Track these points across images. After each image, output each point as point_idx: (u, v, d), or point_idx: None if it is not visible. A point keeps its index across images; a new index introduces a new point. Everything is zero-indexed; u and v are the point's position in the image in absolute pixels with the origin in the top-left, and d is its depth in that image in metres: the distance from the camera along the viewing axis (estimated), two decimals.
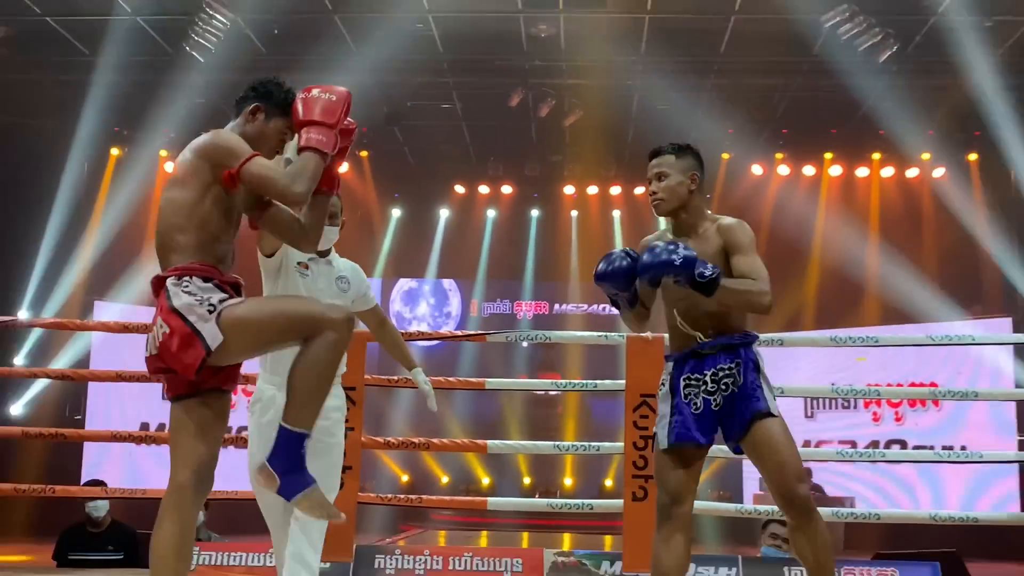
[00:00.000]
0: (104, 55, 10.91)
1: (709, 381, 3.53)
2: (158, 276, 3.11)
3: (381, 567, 5.85)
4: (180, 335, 2.96)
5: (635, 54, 11.14)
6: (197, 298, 3.01)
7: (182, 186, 3.12)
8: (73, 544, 6.58)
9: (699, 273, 3.32)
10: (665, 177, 3.69)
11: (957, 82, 11.14)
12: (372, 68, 11.17)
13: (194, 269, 3.08)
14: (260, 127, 3.33)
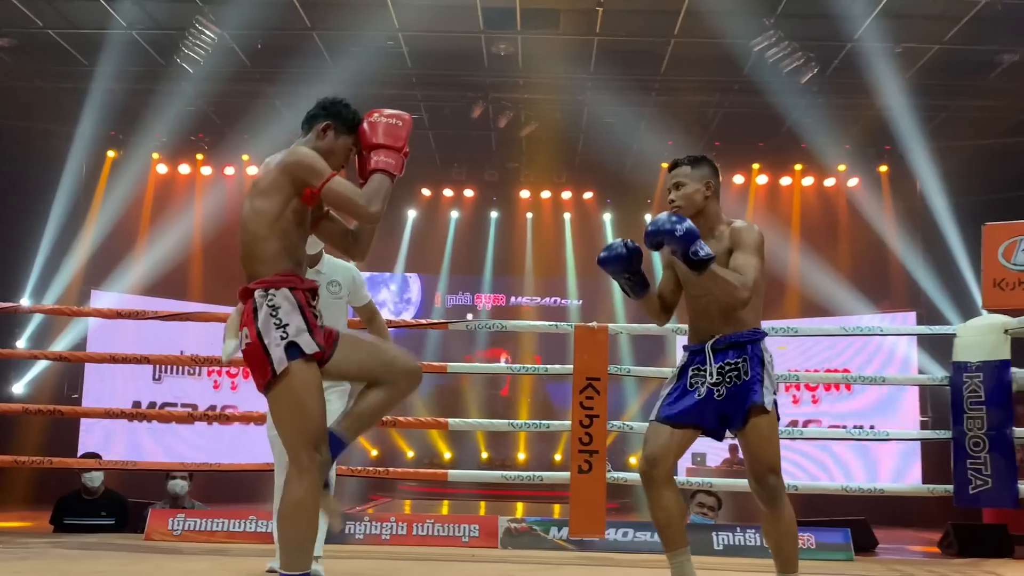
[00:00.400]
0: (101, 65, 10.78)
1: (715, 373, 3.50)
2: (246, 287, 3.09)
3: (351, 532, 5.82)
4: (255, 350, 3.00)
5: (585, 72, 11.16)
6: (275, 320, 3.01)
7: (265, 198, 3.09)
8: (69, 510, 6.50)
9: (693, 251, 3.29)
10: (682, 186, 3.65)
11: (870, 102, 11.26)
12: (347, 81, 11.07)
13: (278, 282, 3.06)
14: (330, 144, 3.27)
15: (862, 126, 12.14)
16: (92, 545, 5.42)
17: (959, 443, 5.83)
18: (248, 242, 3.11)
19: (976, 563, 5.61)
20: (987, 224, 6.27)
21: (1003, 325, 5.89)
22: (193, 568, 4.47)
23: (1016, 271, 6.02)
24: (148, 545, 5.54)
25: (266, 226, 3.07)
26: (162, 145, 13.18)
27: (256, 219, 3.09)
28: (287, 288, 3.04)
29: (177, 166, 13.75)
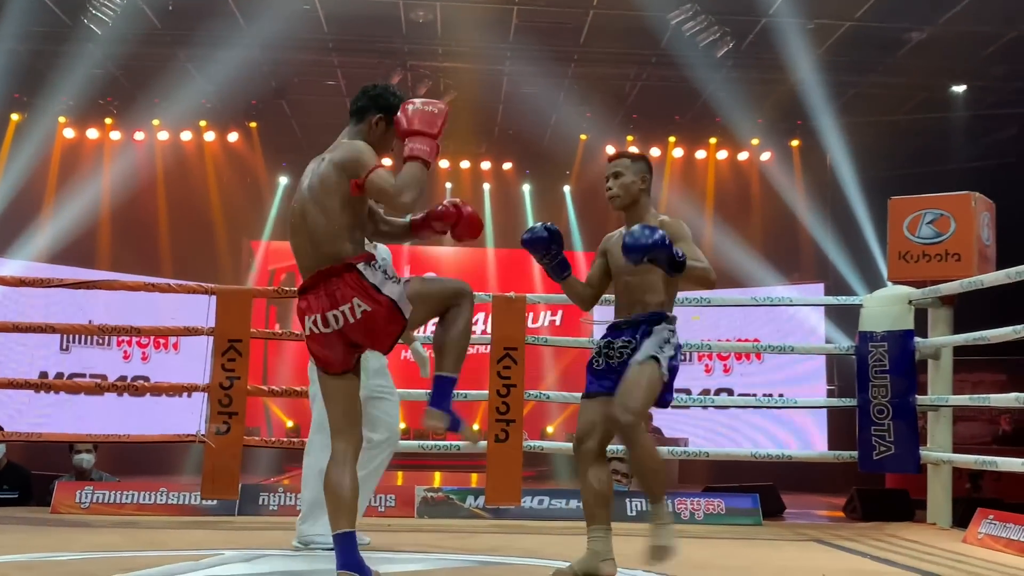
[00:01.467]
0: (4, 24, 10.32)
1: (616, 348, 3.70)
2: (344, 264, 3.18)
3: (265, 503, 5.76)
4: (387, 309, 3.16)
5: (504, 42, 11.09)
6: (389, 276, 3.21)
7: (330, 197, 3.22)
8: None
9: (678, 253, 3.48)
10: (620, 176, 3.89)
11: (783, 77, 11.41)
12: (261, 44, 10.86)
13: (368, 256, 3.23)
14: (381, 135, 3.43)
15: (775, 101, 12.31)
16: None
17: (864, 411, 6.00)
18: (325, 234, 3.22)
19: (879, 526, 5.79)
20: (893, 198, 6.43)
21: (907, 296, 6.06)
22: (102, 541, 4.36)
23: (920, 244, 6.19)
24: (55, 518, 5.40)
25: (342, 224, 3.22)
26: (69, 109, 12.74)
27: (328, 217, 3.22)
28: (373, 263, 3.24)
29: (85, 131, 13.31)
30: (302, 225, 3.25)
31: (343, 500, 3.14)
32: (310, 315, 3.18)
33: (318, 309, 3.17)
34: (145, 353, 12.84)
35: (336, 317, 3.15)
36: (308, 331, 3.20)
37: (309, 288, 3.20)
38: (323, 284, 3.18)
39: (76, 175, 13.05)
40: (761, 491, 6.24)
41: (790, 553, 4.58)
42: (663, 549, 3.52)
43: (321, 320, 3.16)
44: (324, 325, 3.16)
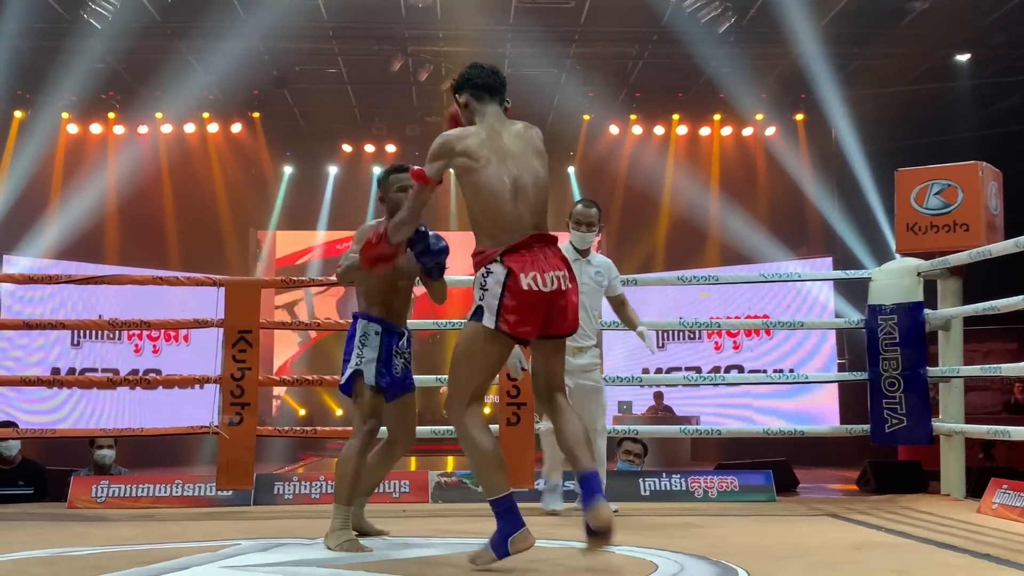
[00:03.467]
0: (5, 21, 10.33)
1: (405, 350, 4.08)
2: (554, 236, 3.34)
3: (280, 493, 5.77)
4: (577, 295, 3.32)
5: (504, 24, 11.05)
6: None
7: (545, 169, 3.52)
8: None
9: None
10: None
11: (786, 51, 11.36)
12: (262, 34, 10.85)
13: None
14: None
15: (778, 75, 12.25)
16: (12, 515, 5.28)
17: (875, 384, 5.98)
18: (546, 200, 3.40)
19: (892, 499, 5.78)
20: (899, 170, 6.39)
21: (916, 268, 6.03)
22: (118, 535, 4.38)
23: (928, 215, 6.15)
24: (71, 513, 5.42)
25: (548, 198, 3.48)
26: (72, 104, 12.75)
27: (546, 189, 3.45)
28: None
29: (88, 125, 13.32)
30: (516, 190, 3.30)
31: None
32: (527, 272, 3.16)
33: (537, 268, 3.18)
34: (156, 346, 12.89)
35: (553, 280, 3.20)
36: (527, 286, 3.14)
37: (523, 247, 3.21)
38: (538, 247, 3.23)
39: (81, 170, 13.06)
40: (774, 467, 6.23)
41: (805, 528, 4.57)
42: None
43: (540, 279, 3.17)
44: (543, 284, 3.18)
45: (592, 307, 5.06)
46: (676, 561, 3.41)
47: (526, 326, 3.19)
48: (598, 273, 5.09)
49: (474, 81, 3.51)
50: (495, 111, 3.50)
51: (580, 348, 4.96)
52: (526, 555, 3.32)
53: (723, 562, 3.35)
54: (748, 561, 3.38)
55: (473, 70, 3.55)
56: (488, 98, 3.52)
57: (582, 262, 5.00)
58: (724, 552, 3.57)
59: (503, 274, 3.16)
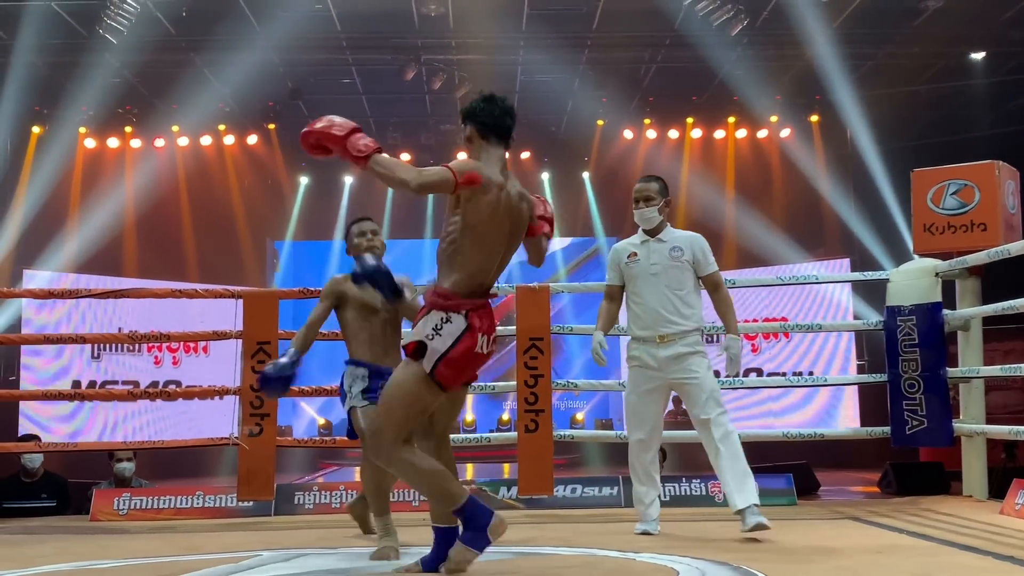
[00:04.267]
0: (21, 38, 10.42)
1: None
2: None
3: (300, 503, 5.80)
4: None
5: (517, 31, 11.06)
6: None
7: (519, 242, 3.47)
8: (8, 494, 6.33)
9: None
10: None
11: (800, 52, 11.33)
12: (276, 46, 10.90)
13: None
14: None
15: (792, 77, 12.22)
16: (36, 528, 5.32)
17: (895, 385, 5.95)
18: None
19: (914, 501, 5.75)
20: (916, 170, 6.37)
21: (934, 268, 6.01)
22: (140, 547, 4.41)
23: (945, 215, 6.13)
24: (94, 526, 5.46)
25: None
26: (89, 119, 12.84)
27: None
28: None
29: (106, 140, 13.40)
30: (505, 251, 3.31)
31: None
32: (484, 333, 3.21)
33: (488, 330, 3.23)
34: (176, 358, 12.95)
35: (493, 340, 3.28)
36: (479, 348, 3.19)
37: (481, 307, 3.22)
38: (488, 306, 3.26)
39: (99, 184, 13.15)
40: (794, 470, 6.21)
41: (826, 532, 4.56)
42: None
43: (487, 340, 3.23)
44: (488, 346, 3.25)
45: (674, 286, 4.56)
46: (697, 567, 3.40)
47: (455, 381, 3.23)
48: (675, 249, 4.63)
49: (483, 119, 3.33)
50: (500, 157, 3.34)
51: (662, 337, 4.52)
52: (548, 561, 3.32)
53: (744, 567, 3.35)
54: (769, 566, 3.37)
55: (487, 105, 3.36)
56: (495, 140, 3.34)
57: (651, 242, 4.65)
58: (745, 557, 3.56)
59: (461, 329, 3.13)
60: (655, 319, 4.53)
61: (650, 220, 4.66)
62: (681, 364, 4.51)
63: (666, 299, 4.53)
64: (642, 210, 4.67)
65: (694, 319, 4.57)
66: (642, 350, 4.56)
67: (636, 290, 4.61)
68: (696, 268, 4.63)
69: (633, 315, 4.63)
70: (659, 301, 4.54)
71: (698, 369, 4.52)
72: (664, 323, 4.51)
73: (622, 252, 4.72)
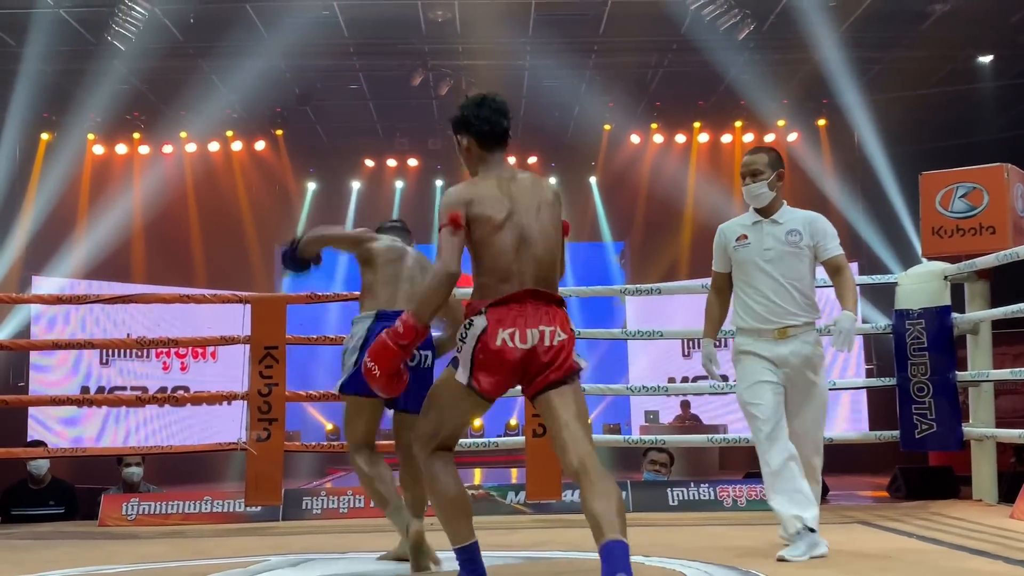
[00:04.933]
0: (30, 45, 10.47)
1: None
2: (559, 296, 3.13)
3: (308, 508, 5.79)
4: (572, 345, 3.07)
5: (524, 36, 11.08)
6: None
7: (557, 226, 3.25)
8: (16, 501, 6.34)
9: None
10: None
11: (807, 56, 11.31)
12: (283, 52, 10.93)
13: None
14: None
15: (799, 81, 12.21)
16: (44, 534, 5.33)
17: (904, 389, 5.93)
18: (554, 258, 3.20)
19: (924, 505, 5.73)
20: (924, 173, 6.35)
21: (943, 272, 5.98)
22: (148, 552, 4.41)
23: (953, 219, 6.11)
24: (102, 531, 5.46)
25: (560, 255, 3.26)
26: (97, 125, 12.89)
27: (557, 245, 3.24)
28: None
29: (114, 146, 13.45)
30: (521, 244, 3.08)
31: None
32: (505, 327, 2.96)
33: (519, 325, 2.98)
34: (184, 363, 12.97)
35: (535, 335, 2.97)
36: (500, 342, 2.95)
37: (513, 300, 3.01)
38: (531, 303, 3.02)
39: (107, 190, 13.20)
40: None
41: (835, 536, 4.53)
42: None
43: (519, 336, 2.97)
44: (520, 341, 2.97)
45: (791, 276, 4.02)
46: (705, 572, 3.39)
47: (496, 385, 3.01)
48: (792, 233, 4.07)
49: (481, 128, 3.16)
50: (500, 160, 3.19)
51: (783, 330, 3.98)
52: (556, 566, 3.31)
53: (752, 572, 3.34)
54: (777, 570, 3.36)
55: (479, 111, 3.17)
56: (495, 146, 3.18)
57: (764, 223, 4.10)
58: (753, 562, 3.55)
59: (481, 327, 2.98)
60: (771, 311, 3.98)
61: (759, 197, 4.10)
62: (801, 363, 3.99)
63: (778, 287, 3.99)
64: (748, 186, 4.12)
65: (809, 313, 4.06)
66: (757, 345, 4.02)
67: (747, 279, 4.09)
68: (819, 253, 4.09)
69: (744, 305, 4.09)
70: (774, 288, 3.99)
71: (817, 375, 4.03)
72: (781, 314, 3.97)
73: (730, 234, 4.19)
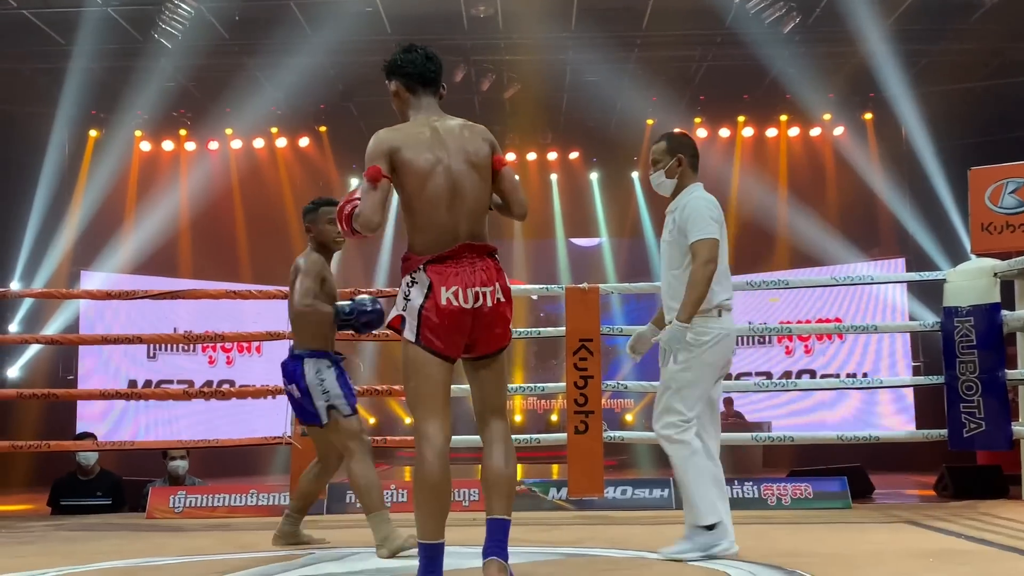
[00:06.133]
0: (79, 44, 10.66)
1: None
2: (487, 246, 3.08)
3: (352, 502, 5.83)
4: (510, 307, 3.09)
5: (566, 31, 11.06)
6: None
7: (484, 171, 3.12)
8: (65, 492, 6.46)
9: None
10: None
11: (853, 49, 11.18)
12: (327, 49, 11.00)
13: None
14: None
15: (846, 74, 12.07)
16: (94, 526, 5.43)
17: (952, 388, 5.85)
18: (482, 212, 3.12)
19: (971, 505, 5.65)
20: (973, 169, 6.26)
21: (992, 269, 5.89)
22: (195, 545, 4.47)
23: (1003, 214, 6.02)
24: (150, 524, 5.55)
25: (486, 202, 3.16)
26: (144, 122, 13.07)
27: (484, 193, 3.13)
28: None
29: (160, 143, 13.63)
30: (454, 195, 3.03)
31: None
32: (448, 286, 2.96)
33: (460, 283, 2.97)
34: (229, 357, 13.11)
35: (478, 295, 2.98)
36: (445, 301, 2.94)
37: (450, 257, 2.99)
38: (467, 258, 3.01)
39: (154, 187, 13.38)
40: (848, 472, 6.13)
41: (882, 536, 4.49)
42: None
43: (462, 295, 2.96)
44: (464, 300, 2.96)
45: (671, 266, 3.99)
46: (749, 571, 3.37)
47: (445, 343, 2.99)
48: (671, 221, 4.06)
49: (406, 70, 3.22)
50: (430, 103, 3.22)
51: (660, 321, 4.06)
52: (597, 563, 3.31)
53: (798, 571, 3.31)
54: (823, 570, 3.33)
55: (406, 55, 3.24)
56: (422, 89, 3.23)
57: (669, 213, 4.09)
58: (798, 561, 3.52)
59: (426, 285, 2.97)
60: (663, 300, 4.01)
61: (660, 187, 4.07)
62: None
63: (666, 279, 3.98)
64: (651, 176, 4.09)
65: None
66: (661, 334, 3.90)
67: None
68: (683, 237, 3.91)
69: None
70: (664, 281, 4.00)
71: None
72: (668, 309, 3.94)
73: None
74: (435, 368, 3.01)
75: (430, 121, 3.15)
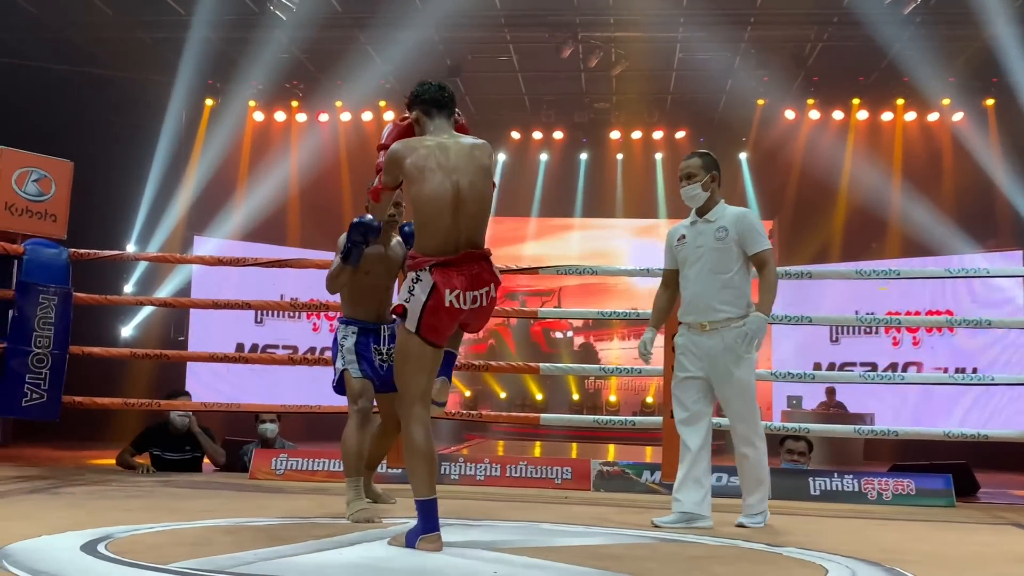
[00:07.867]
0: (197, 14, 10.96)
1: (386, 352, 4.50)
2: (485, 251, 3.49)
3: (446, 473, 5.91)
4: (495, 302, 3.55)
5: (677, 8, 10.91)
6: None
7: (488, 185, 3.52)
8: (154, 441, 6.51)
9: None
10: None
11: (976, 32, 10.78)
12: (436, 24, 11.08)
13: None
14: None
15: (967, 58, 11.63)
16: (200, 483, 5.61)
17: None
18: (483, 220, 3.51)
19: None
20: None
21: None
22: (294, 507, 4.59)
23: None
24: (253, 484, 5.71)
25: (488, 213, 3.56)
26: (258, 93, 13.38)
27: (487, 205, 3.53)
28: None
29: (273, 113, 13.94)
30: (458, 205, 3.43)
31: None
32: (451, 289, 3.37)
33: (461, 286, 3.38)
34: (332, 325, 13.37)
35: (476, 298, 3.42)
36: (448, 303, 3.36)
37: (453, 263, 3.39)
38: (468, 264, 3.41)
39: (266, 156, 13.70)
40: (953, 470, 5.94)
41: (985, 538, 4.35)
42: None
43: (462, 297, 3.39)
44: (463, 303, 3.39)
45: (718, 270, 4.30)
46: (847, 567, 3.30)
47: (439, 337, 3.46)
48: (720, 230, 4.33)
49: (423, 98, 3.66)
50: (442, 125, 3.64)
51: (703, 325, 4.30)
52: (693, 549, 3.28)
53: (897, 569, 3.23)
54: (923, 570, 3.24)
55: (421, 87, 3.69)
56: (436, 112, 3.65)
57: (699, 223, 4.40)
58: (898, 559, 3.44)
59: (430, 285, 3.37)
60: (697, 304, 4.33)
61: (693, 199, 4.39)
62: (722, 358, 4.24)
63: (708, 283, 4.29)
64: (684, 188, 4.41)
65: (740, 305, 4.26)
66: (688, 337, 4.35)
67: (685, 274, 4.41)
68: (745, 248, 4.29)
69: (682, 299, 4.44)
70: (702, 285, 4.31)
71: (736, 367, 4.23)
72: (709, 310, 4.27)
73: (673, 235, 4.53)
74: (428, 356, 3.46)
75: (442, 139, 3.56)
